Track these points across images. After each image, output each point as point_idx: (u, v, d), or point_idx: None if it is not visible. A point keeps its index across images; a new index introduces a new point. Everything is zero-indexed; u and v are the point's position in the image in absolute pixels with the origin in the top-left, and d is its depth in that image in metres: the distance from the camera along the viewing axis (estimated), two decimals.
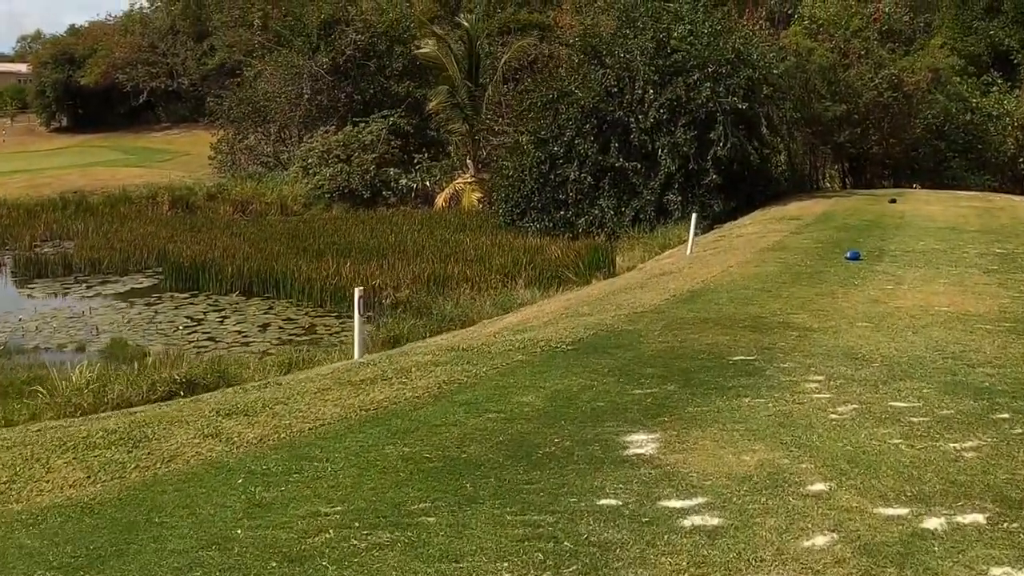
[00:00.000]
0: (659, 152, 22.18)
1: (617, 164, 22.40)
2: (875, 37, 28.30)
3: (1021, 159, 29.87)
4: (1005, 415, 5.69)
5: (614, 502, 4.35)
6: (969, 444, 5.21)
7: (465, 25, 32.93)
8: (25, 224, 28.06)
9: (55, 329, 16.09)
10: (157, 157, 48.49)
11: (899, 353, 7.24)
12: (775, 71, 23.54)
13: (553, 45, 35.87)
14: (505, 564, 3.74)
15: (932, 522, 4.18)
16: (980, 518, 4.24)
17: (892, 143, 28.57)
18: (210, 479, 4.89)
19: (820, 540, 3.98)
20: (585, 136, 22.89)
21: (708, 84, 21.96)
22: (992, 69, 33.24)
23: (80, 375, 9.74)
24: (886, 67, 27.32)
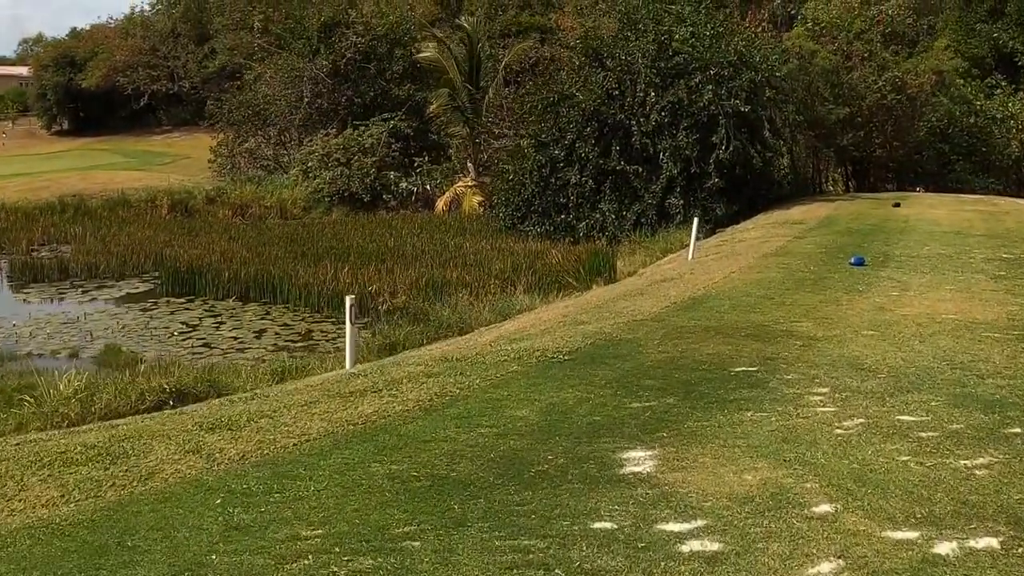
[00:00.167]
0: (660, 155, 22.01)
1: (618, 167, 22.23)
2: (878, 39, 28.11)
3: None
4: (1016, 429, 5.47)
5: (609, 525, 4.13)
6: (980, 461, 4.99)
7: (466, 27, 32.74)
8: (23, 228, 27.85)
9: (49, 335, 15.88)
10: (157, 160, 48.33)
11: (906, 363, 7.02)
12: (778, 74, 23.36)
13: (554, 48, 35.70)
14: None
15: (943, 547, 3.97)
16: (994, 542, 4.03)
17: (895, 146, 28.38)
18: (188, 499, 4.69)
19: (825, 567, 3.76)
20: (586, 139, 22.71)
21: (710, 87, 21.78)
22: (996, 72, 33.07)
23: (68, 384, 9.55)
24: (889, 69, 27.14)
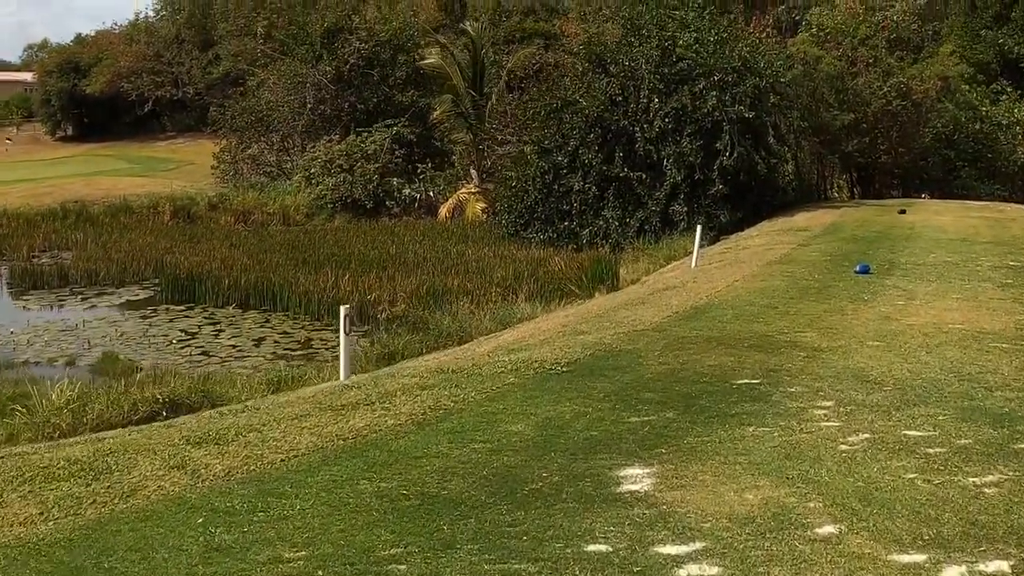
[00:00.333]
0: (664, 162, 21.86)
1: (622, 174, 22.08)
2: (883, 45, 27.95)
3: None
4: None
5: (604, 548, 3.97)
6: (990, 479, 4.82)
7: (470, 32, 32.62)
8: (24, 234, 27.75)
9: (47, 342, 15.77)
10: (161, 166, 48.26)
11: (912, 375, 6.85)
12: (782, 79, 23.20)
13: (558, 54, 35.60)
14: None
15: (952, 571, 3.81)
16: (1004, 566, 3.86)
17: (901, 152, 28.19)
18: (169, 517, 4.53)
19: None
20: (589, 146, 22.57)
21: (714, 93, 21.63)
22: (1001, 77, 32.89)
23: (60, 395, 9.42)
24: (894, 75, 26.96)
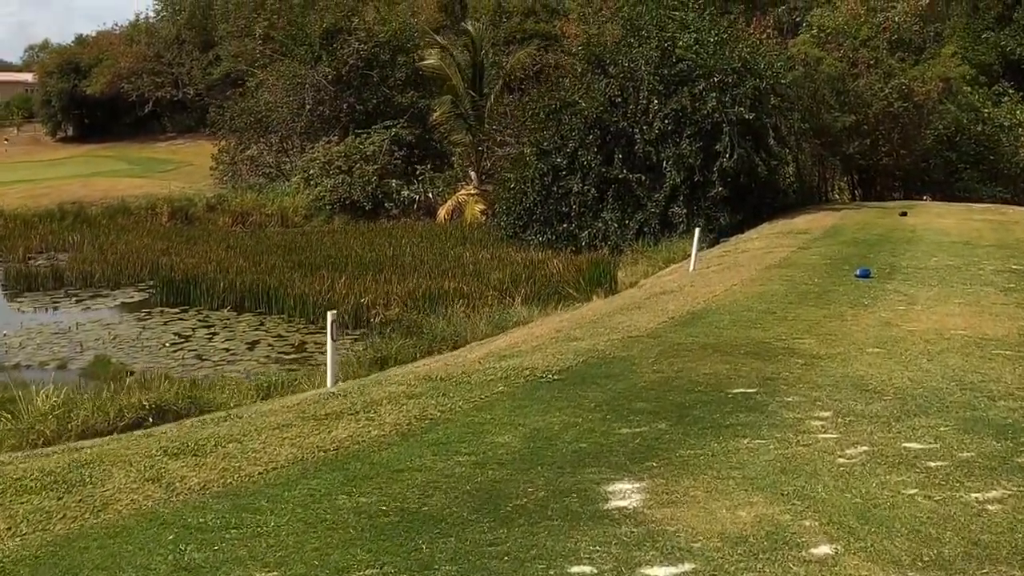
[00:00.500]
0: (664, 164, 21.67)
1: (621, 176, 21.89)
2: (884, 46, 27.73)
3: None
4: None
5: (588, 569, 3.79)
6: (993, 495, 4.64)
7: (471, 32, 32.45)
8: (21, 235, 27.64)
9: (39, 345, 15.62)
10: (160, 167, 48.16)
11: (913, 384, 6.67)
12: (783, 81, 23.01)
13: (559, 55, 35.41)
14: None
15: None
16: None
17: (902, 154, 27.98)
18: (140, 534, 4.36)
19: None
20: (588, 147, 22.39)
21: (714, 94, 21.45)
22: (1003, 79, 32.69)
23: (45, 400, 9.25)
24: (896, 77, 26.76)
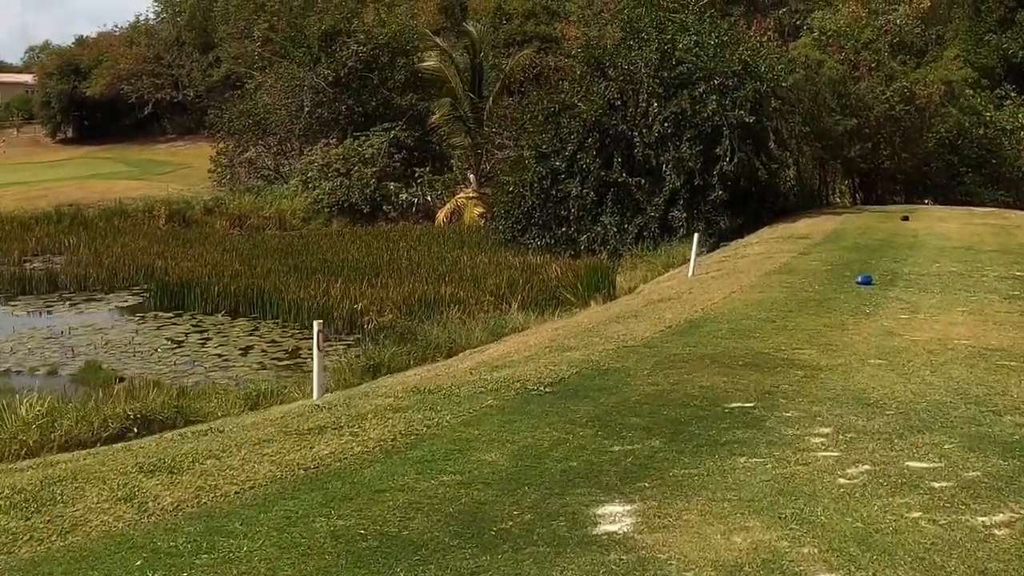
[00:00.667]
0: (663, 167, 21.49)
1: (620, 179, 21.71)
2: (886, 49, 27.53)
3: None
4: None
5: None
6: (1000, 518, 4.44)
7: (472, 33, 32.29)
8: (16, 238, 27.42)
9: (30, 350, 15.43)
10: (159, 169, 48.02)
11: (916, 398, 6.46)
12: (783, 84, 22.84)
13: (558, 58, 35.24)
14: None
15: None
16: None
17: (904, 158, 27.80)
18: (107, 558, 4.16)
19: None
20: (587, 150, 22.21)
21: (714, 97, 21.26)
22: (1005, 82, 32.48)
23: (29, 409, 9.06)
24: (897, 80, 26.57)
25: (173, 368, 14.07)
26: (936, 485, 4.81)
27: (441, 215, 30.38)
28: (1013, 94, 31.34)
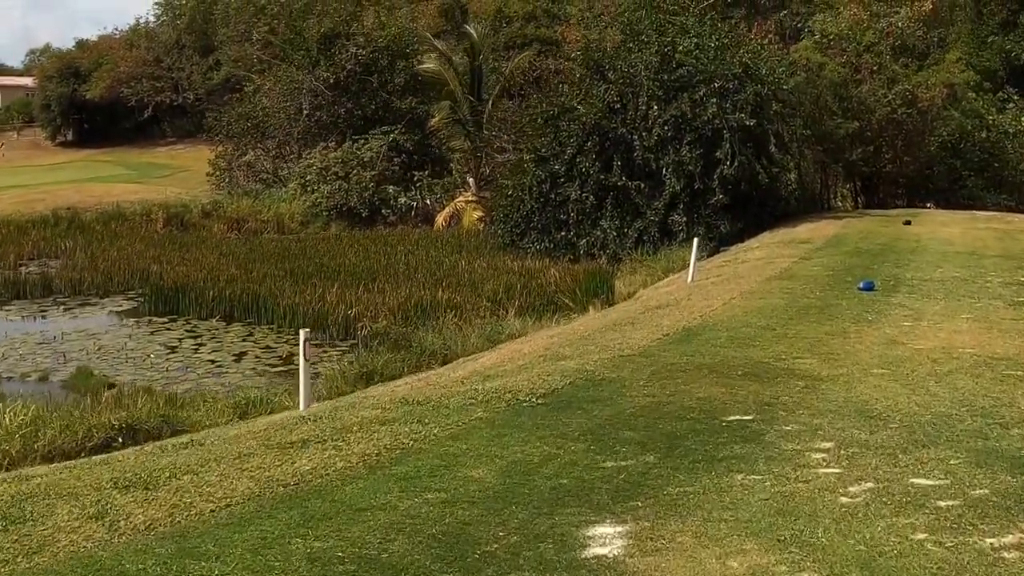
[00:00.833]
0: (663, 171, 21.29)
1: (620, 183, 21.50)
2: (888, 52, 27.32)
3: None
4: None
5: None
6: (1009, 539, 4.24)
7: (472, 34, 32.11)
8: (13, 241, 27.22)
9: (22, 356, 15.25)
10: (158, 173, 47.85)
11: (921, 409, 6.26)
12: (785, 86, 22.64)
13: (559, 60, 35.06)
14: None
15: None
16: None
17: (906, 161, 27.56)
18: None
19: None
20: (587, 154, 22.01)
21: (714, 100, 21.07)
22: (1008, 85, 32.26)
23: (13, 418, 8.88)
24: (899, 83, 26.33)
25: (165, 375, 13.89)
26: (942, 504, 4.62)
27: (440, 219, 30.19)
28: (1016, 97, 31.10)
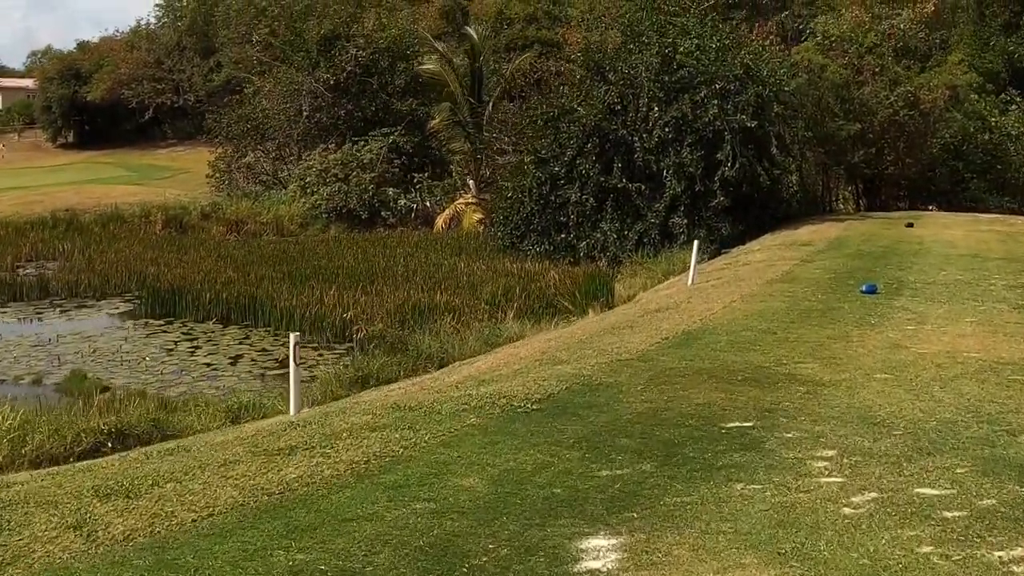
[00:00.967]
0: (664, 173, 21.14)
1: (620, 185, 21.34)
2: (890, 54, 27.19)
3: None
4: None
5: None
6: (1018, 552, 4.09)
7: (473, 36, 31.98)
8: (11, 243, 27.05)
9: (16, 358, 15.11)
10: (158, 174, 47.76)
11: (925, 416, 6.10)
12: (786, 88, 22.48)
13: (559, 62, 34.93)
14: None
15: None
16: None
17: (908, 163, 27.41)
18: None
19: None
20: (587, 156, 21.86)
21: (715, 101, 20.92)
22: (1010, 87, 32.12)
23: (1, 423, 8.72)
24: (902, 84, 26.19)
25: (160, 378, 13.74)
26: (948, 515, 4.46)
27: (440, 221, 30.04)
28: (1018, 99, 30.97)
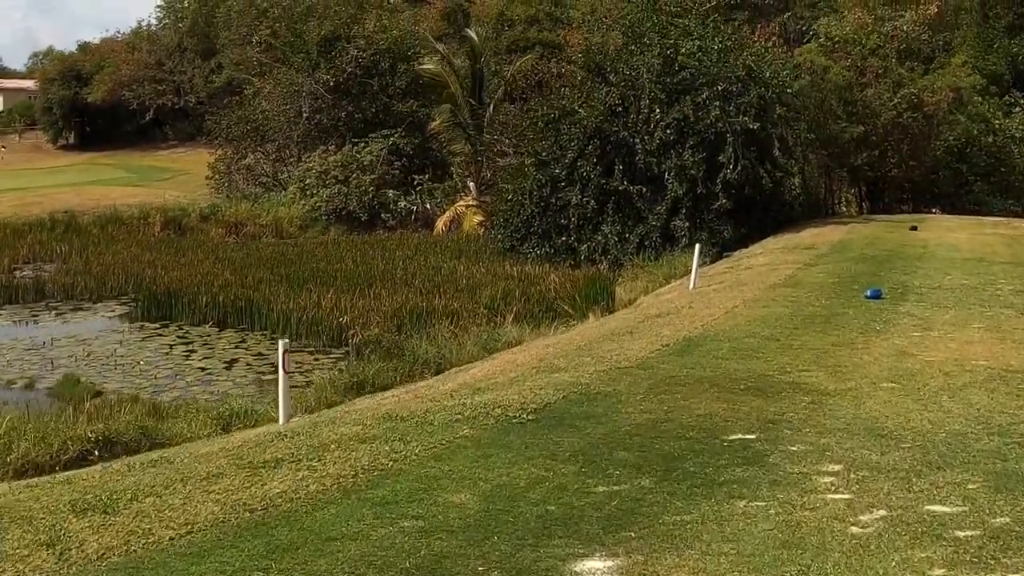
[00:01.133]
0: (665, 175, 20.96)
1: (621, 187, 21.17)
2: (893, 55, 26.99)
3: None
4: None
5: None
6: None
7: (473, 37, 31.81)
8: (8, 245, 26.90)
9: (9, 362, 14.97)
10: (158, 176, 47.60)
11: (934, 427, 5.90)
12: (789, 90, 22.29)
13: (561, 64, 34.76)
14: None
15: None
16: None
17: (911, 166, 27.19)
18: None
19: None
20: (588, 158, 21.67)
21: (717, 103, 20.74)
22: (1014, 89, 31.93)
23: None
24: (905, 86, 26.00)
25: (154, 382, 13.57)
26: (960, 534, 4.26)
27: (440, 223, 29.86)
28: (1022, 101, 30.80)
